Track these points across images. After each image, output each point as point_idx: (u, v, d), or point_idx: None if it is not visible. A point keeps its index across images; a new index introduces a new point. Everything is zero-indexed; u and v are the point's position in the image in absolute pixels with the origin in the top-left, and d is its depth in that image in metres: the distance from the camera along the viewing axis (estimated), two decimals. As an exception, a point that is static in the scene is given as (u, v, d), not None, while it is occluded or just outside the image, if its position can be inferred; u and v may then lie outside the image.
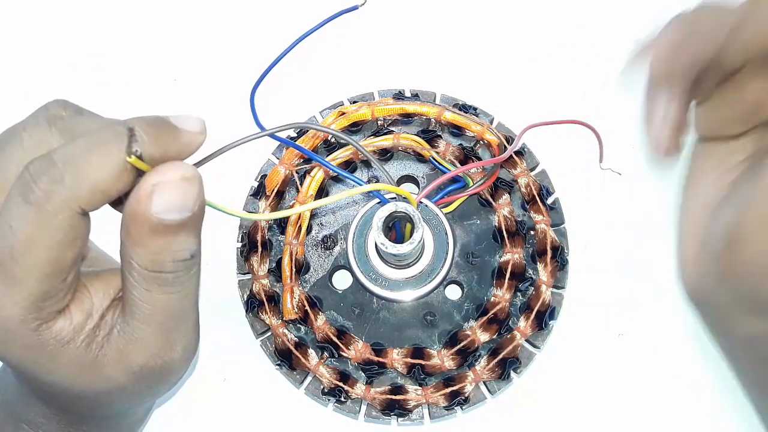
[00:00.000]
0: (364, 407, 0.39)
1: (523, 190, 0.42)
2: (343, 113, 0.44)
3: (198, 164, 0.26)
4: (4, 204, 0.24)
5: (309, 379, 0.40)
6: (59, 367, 0.27)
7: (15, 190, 0.24)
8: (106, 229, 0.29)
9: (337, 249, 0.42)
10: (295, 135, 0.44)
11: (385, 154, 0.43)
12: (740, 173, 0.35)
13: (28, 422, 0.32)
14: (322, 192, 0.43)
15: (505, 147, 0.42)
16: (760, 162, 0.31)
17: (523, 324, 0.40)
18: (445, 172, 0.40)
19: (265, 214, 0.42)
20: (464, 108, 0.45)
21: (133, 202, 0.24)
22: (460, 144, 0.43)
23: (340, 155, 0.42)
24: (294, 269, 0.41)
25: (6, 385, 0.34)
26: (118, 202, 0.26)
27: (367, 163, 0.44)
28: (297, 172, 0.43)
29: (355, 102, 0.45)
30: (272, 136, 0.36)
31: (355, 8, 0.42)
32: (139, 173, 0.24)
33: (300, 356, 0.40)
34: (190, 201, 0.25)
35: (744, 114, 0.33)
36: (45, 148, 0.25)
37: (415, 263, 0.41)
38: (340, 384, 0.39)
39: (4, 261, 0.24)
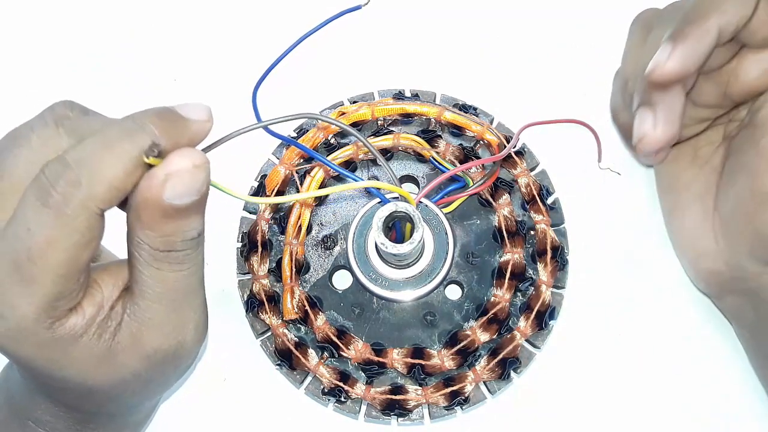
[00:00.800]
0: (364, 407, 0.39)
1: (523, 190, 0.42)
2: (343, 113, 0.44)
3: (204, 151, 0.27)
4: (19, 207, 0.25)
5: (309, 379, 0.40)
6: (73, 361, 0.27)
7: (32, 194, 0.24)
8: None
9: (337, 249, 0.42)
10: (296, 135, 0.44)
11: (385, 154, 0.43)
12: (721, 157, 0.37)
13: (35, 420, 0.32)
14: (322, 192, 0.43)
15: (505, 147, 0.42)
16: (752, 132, 0.34)
17: (523, 324, 0.40)
18: (445, 172, 0.40)
19: (265, 198, 0.42)
20: (464, 108, 0.45)
21: (145, 190, 0.25)
22: (460, 144, 0.43)
23: (340, 155, 0.42)
24: (294, 269, 0.41)
25: (10, 382, 0.34)
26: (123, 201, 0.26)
27: (367, 163, 0.44)
28: (297, 172, 0.43)
29: (355, 102, 0.45)
30: (266, 129, 0.36)
31: (357, 8, 0.42)
32: (150, 165, 0.25)
33: (300, 356, 0.40)
34: (200, 185, 0.25)
35: (716, 98, 0.36)
36: (53, 148, 0.25)
37: (415, 263, 0.41)
38: (340, 384, 0.39)
39: (20, 262, 0.24)
